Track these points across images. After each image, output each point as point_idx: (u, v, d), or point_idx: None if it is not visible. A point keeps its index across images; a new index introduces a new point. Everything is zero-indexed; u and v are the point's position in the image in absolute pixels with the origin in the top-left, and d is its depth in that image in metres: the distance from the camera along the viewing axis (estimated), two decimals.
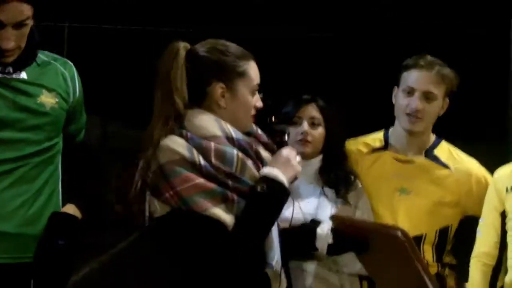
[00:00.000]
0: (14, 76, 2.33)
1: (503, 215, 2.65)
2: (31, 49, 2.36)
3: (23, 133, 2.32)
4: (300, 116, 2.67)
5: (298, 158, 2.13)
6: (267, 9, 6.08)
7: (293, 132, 2.62)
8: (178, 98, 2.03)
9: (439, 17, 6.00)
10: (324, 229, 2.39)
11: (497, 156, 3.29)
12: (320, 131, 2.67)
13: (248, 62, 2.13)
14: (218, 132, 2.05)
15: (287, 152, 2.11)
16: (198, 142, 2.01)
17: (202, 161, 1.99)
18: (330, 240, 2.35)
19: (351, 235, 2.31)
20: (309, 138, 2.65)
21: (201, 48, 2.11)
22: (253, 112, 2.15)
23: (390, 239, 2.16)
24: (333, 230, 2.36)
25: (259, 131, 2.20)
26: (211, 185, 1.98)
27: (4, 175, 2.29)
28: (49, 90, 2.38)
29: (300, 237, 2.40)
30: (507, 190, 2.63)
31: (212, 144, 2.01)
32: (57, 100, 2.38)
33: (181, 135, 2.03)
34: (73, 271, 2.38)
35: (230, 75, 2.09)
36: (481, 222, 2.71)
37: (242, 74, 2.10)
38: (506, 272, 2.62)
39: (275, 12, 6.11)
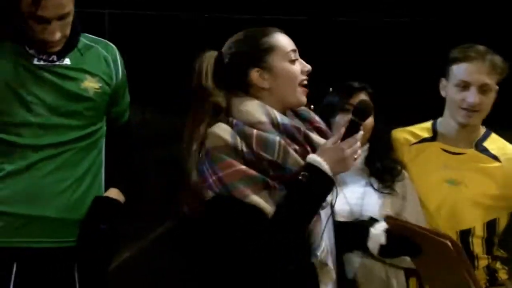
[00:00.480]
0: (57, 62, 2.33)
1: None
2: (73, 36, 2.36)
3: (67, 118, 2.32)
4: (351, 103, 2.61)
5: (358, 153, 2.06)
6: None
7: (342, 120, 2.59)
8: (215, 100, 2.06)
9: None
10: (378, 229, 2.30)
11: None
12: (370, 120, 2.62)
13: (271, 35, 2.11)
14: (263, 118, 2.03)
15: (348, 145, 2.03)
16: (242, 129, 2.00)
17: (245, 148, 1.98)
18: (383, 241, 2.26)
19: (404, 238, 2.25)
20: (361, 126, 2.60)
21: (225, 50, 2.12)
22: (303, 78, 2.11)
23: (440, 247, 2.11)
24: (387, 231, 2.27)
25: (315, 117, 2.17)
26: (253, 172, 1.97)
27: (47, 160, 2.29)
28: (92, 75, 2.37)
29: (353, 234, 2.35)
30: None
31: (255, 131, 2.00)
32: (100, 85, 2.38)
33: (227, 122, 2.03)
34: (115, 255, 2.38)
35: (258, 55, 2.08)
36: None
37: (270, 49, 2.09)
38: None
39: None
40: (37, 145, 2.29)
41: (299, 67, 2.11)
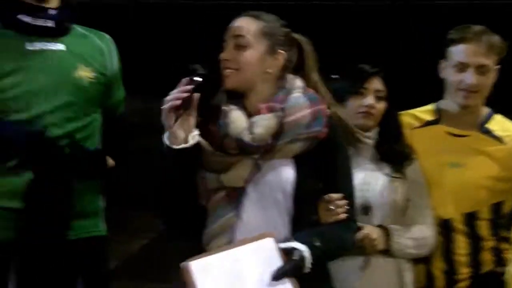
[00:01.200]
0: (52, 47, 2.29)
1: None
2: (68, 11, 2.31)
3: (61, 109, 2.27)
4: (366, 87, 2.60)
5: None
6: None
7: (355, 104, 2.58)
8: None
9: None
10: None
11: None
12: (383, 104, 2.61)
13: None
14: None
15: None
16: None
17: None
18: None
19: None
20: (373, 112, 2.59)
21: None
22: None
23: None
24: None
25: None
26: None
27: None
28: (87, 64, 2.33)
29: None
30: None
31: None
32: (94, 74, 2.33)
33: None
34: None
35: None
36: None
37: None
38: None
39: None
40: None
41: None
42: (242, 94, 2.14)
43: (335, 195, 2.12)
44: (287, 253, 1.97)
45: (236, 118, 2.10)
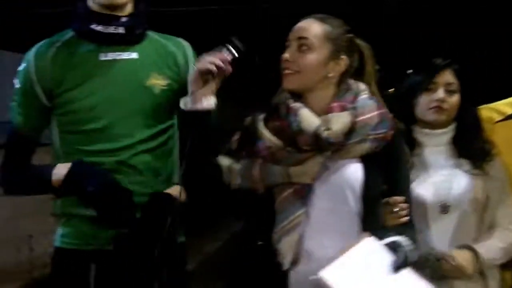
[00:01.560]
0: (124, 56, 2.29)
1: None
2: (140, 18, 2.31)
3: (133, 117, 2.27)
4: (435, 82, 2.51)
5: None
6: None
7: (426, 99, 2.51)
8: None
9: None
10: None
11: None
12: (456, 98, 2.52)
13: None
14: None
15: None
16: None
17: None
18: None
19: None
20: (445, 106, 2.50)
21: None
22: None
23: None
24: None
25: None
26: None
27: (119, 166, 2.25)
28: (160, 71, 2.31)
29: None
30: None
31: None
32: (167, 81, 2.32)
33: None
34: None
35: None
36: None
37: None
38: None
39: None
40: (108, 150, 2.25)
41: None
42: (300, 94, 2.17)
43: (399, 198, 2.14)
44: (391, 248, 2.02)
45: (308, 115, 2.12)
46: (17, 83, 2.33)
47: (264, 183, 2.14)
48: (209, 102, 2.12)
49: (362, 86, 2.20)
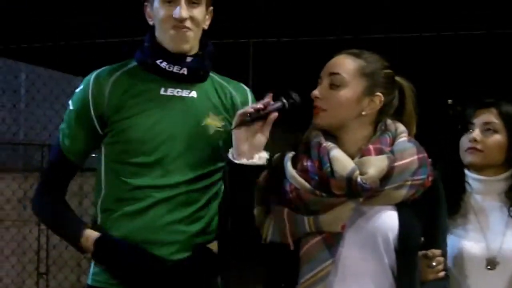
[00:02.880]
0: (184, 94, 2.29)
1: None
2: (204, 60, 2.31)
3: (185, 155, 2.25)
4: (473, 122, 2.39)
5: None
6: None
7: (464, 141, 2.40)
8: None
9: None
10: None
11: None
12: (496, 138, 2.36)
13: None
14: None
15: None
16: None
17: None
18: None
19: None
20: (479, 147, 2.35)
21: None
22: None
23: None
24: None
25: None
26: None
27: (162, 203, 2.23)
28: (216, 112, 2.30)
29: None
30: None
31: None
32: (223, 123, 2.30)
33: None
34: None
35: None
36: None
37: None
38: None
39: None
40: (154, 185, 2.23)
41: None
42: (332, 134, 2.04)
43: (437, 251, 2.02)
44: None
45: (341, 157, 1.96)
46: (71, 105, 2.30)
47: (295, 238, 1.98)
48: (260, 157, 2.02)
49: (401, 127, 2.05)
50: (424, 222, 2.02)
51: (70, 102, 2.32)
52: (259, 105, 2.01)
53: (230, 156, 2.03)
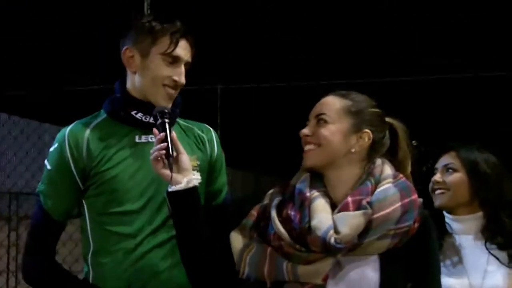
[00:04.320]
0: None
1: None
2: (176, 108, 2.36)
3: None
4: (436, 167, 2.50)
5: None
6: None
7: (430, 184, 2.47)
8: None
9: None
10: None
11: None
12: (456, 176, 2.42)
13: None
14: None
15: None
16: None
17: None
18: None
19: None
20: (443, 186, 2.43)
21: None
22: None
23: None
24: None
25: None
26: None
27: (158, 248, 2.25)
28: (191, 153, 2.31)
29: None
30: None
31: None
32: (198, 163, 2.33)
33: None
34: None
35: None
36: None
37: None
38: None
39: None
40: (142, 230, 2.24)
41: None
42: (323, 177, 2.01)
43: None
44: None
45: (321, 210, 1.92)
46: (48, 165, 2.29)
47: (272, 279, 1.94)
48: (188, 180, 2.06)
49: (387, 171, 2.00)
50: (413, 267, 1.97)
51: (46, 162, 2.30)
52: (162, 144, 2.06)
53: (168, 189, 2.06)
